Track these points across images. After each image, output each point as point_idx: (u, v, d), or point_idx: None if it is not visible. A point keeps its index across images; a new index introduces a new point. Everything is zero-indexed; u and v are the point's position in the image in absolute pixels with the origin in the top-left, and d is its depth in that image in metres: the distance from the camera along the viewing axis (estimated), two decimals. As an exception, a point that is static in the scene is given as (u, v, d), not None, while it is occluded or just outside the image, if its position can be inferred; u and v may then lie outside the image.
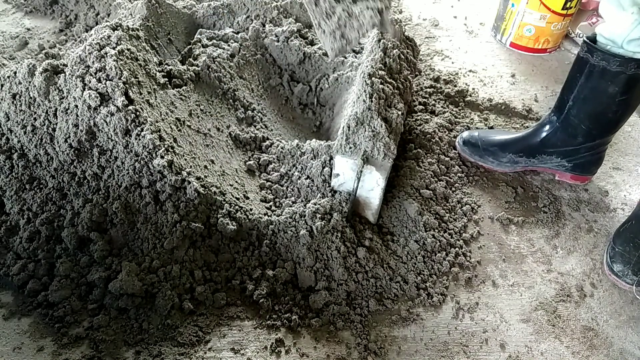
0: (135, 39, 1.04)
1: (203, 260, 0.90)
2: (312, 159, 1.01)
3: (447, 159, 1.14)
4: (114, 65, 0.91)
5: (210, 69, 1.14)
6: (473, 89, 1.39)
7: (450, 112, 1.28)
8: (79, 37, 1.43)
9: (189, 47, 1.23)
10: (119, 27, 1.01)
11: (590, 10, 1.61)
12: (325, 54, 1.26)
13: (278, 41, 1.27)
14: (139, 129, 0.90)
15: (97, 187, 0.93)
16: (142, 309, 0.84)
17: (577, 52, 1.00)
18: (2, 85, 0.97)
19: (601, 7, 0.93)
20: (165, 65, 1.11)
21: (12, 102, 0.96)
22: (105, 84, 0.90)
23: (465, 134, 1.19)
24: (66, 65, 0.94)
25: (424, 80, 1.40)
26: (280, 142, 1.13)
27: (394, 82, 1.03)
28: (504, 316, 0.90)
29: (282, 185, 1.03)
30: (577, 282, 0.96)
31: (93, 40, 0.95)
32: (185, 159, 0.94)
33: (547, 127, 1.09)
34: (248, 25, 1.31)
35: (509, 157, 1.13)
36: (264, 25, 1.32)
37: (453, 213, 1.04)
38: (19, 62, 1.32)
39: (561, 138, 1.07)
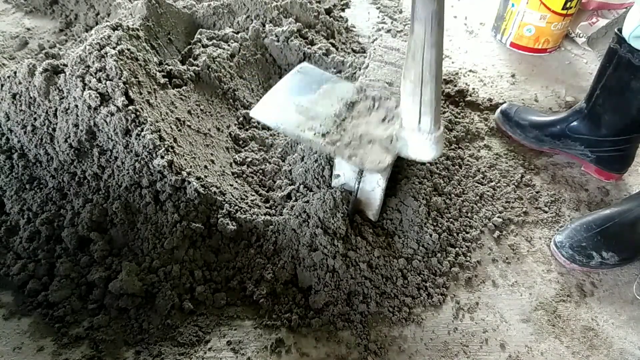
0: (135, 39, 1.04)
1: (203, 260, 0.90)
2: (313, 158, 1.01)
3: (447, 159, 1.14)
4: (114, 65, 0.91)
5: (210, 69, 1.14)
6: (473, 89, 1.39)
7: (450, 112, 1.28)
8: (79, 37, 1.43)
9: (189, 47, 1.23)
10: (119, 27, 1.01)
11: (590, 10, 1.61)
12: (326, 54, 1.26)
13: (278, 41, 1.27)
14: (139, 129, 0.90)
15: (97, 187, 0.93)
16: (142, 309, 0.84)
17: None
18: (2, 85, 0.97)
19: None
20: (165, 65, 1.11)
21: (12, 102, 0.95)
22: (105, 84, 0.90)
23: (506, 104, 1.27)
24: (66, 65, 0.94)
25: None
26: (280, 142, 1.13)
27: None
28: (504, 316, 0.90)
29: (282, 185, 1.03)
30: (577, 282, 0.96)
31: (93, 40, 0.95)
32: (185, 159, 0.94)
33: (576, 113, 1.12)
34: (248, 25, 1.31)
35: (535, 134, 1.18)
36: (264, 25, 1.32)
37: (453, 213, 1.04)
38: (19, 62, 1.31)
39: (586, 126, 1.10)
